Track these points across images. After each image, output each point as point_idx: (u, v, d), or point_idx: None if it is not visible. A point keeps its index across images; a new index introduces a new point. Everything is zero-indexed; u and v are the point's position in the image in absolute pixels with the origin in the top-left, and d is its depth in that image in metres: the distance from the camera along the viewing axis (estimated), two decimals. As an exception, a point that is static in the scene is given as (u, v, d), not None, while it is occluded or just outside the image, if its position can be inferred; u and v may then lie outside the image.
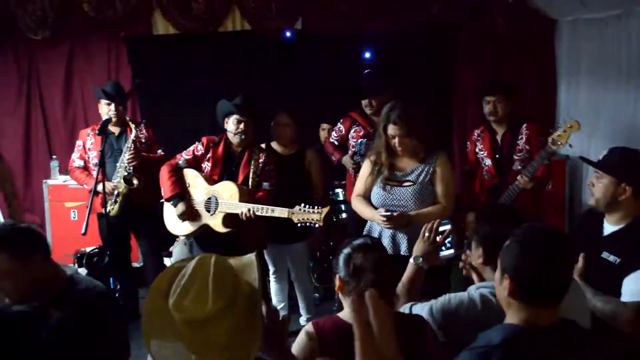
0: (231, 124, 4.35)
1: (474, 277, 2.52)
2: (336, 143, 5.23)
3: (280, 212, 4.04)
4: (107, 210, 4.92)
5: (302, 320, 4.98)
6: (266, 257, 4.87)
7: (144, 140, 5.07)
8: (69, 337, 2.36)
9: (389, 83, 5.15)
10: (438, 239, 2.76)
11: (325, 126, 6.04)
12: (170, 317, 1.71)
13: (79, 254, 5.93)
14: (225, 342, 1.72)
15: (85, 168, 5.13)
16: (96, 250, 5.91)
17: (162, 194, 4.43)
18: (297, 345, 2.26)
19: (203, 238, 4.45)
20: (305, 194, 4.63)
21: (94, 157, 5.02)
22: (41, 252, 2.55)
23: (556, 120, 6.55)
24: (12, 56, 6.47)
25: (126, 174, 4.87)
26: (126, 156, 4.89)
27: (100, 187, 4.88)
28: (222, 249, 3.93)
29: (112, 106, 4.97)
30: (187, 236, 4.57)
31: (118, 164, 4.94)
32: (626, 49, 6.09)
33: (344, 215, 5.78)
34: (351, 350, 2.15)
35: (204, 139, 4.49)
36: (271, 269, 4.91)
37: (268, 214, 4.07)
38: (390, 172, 3.82)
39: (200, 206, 4.32)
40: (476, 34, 7.01)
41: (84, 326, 2.42)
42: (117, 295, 5.24)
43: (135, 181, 4.84)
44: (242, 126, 4.31)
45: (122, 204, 4.94)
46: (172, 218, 4.47)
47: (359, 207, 3.93)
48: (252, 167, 4.33)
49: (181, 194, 4.33)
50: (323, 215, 3.94)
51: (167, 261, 5.68)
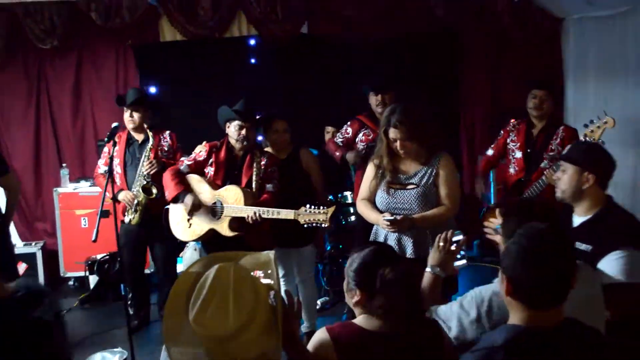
0: (233, 130, 4.36)
1: None
2: (340, 144, 5.15)
3: (286, 214, 4.02)
4: (129, 220, 4.96)
5: (303, 327, 4.89)
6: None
7: (166, 149, 5.07)
8: None
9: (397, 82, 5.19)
10: (453, 247, 2.78)
11: (329, 129, 6.03)
12: (190, 326, 1.72)
13: (90, 261, 5.97)
14: (249, 352, 1.73)
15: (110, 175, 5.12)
16: (107, 257, 5.95)
17: (167, 196, 4.42)
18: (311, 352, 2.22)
19: (210, 243, 4.46)
20: (308, 193, 4.63)
21: (117, 165, 5.05)
22: None
23: (564, 119, 6.53)
24: (22, 65, 6.53)
25: (145, 182, 4.88)
26: (145, 165, 4.91)
27: (121, 196, 4.96)
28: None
29: (128, 113, 4.99)
30: (194, 241, 4.56)
31: (137, 173, 4.96)
32: (633, 45, 6.07)
33: (352, 219, 5.77)
34: (370, 357, 2.17)
35: (206, 144, 4.51)
36: (280, 272, 4.91)
37: (274, 216, 4.07)
38: (394, 175, 3.79)
39: (205, 211, 4.33)
40: (482, 35, 7.01)
41: None
42: (129, 302, 5.26)
43: (154, 190, 4.83)
44: (243, 132, 4.32)
45: (142, 213, 4.95)
46: (178, 224, 4.48)
47: (364, 211, 3.91)
48: (254, 169, 4.34)
49: (186, 190, 4.34)
50: (329, 215, 3.93)
51: (179, 267, 5.70)
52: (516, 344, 1.77)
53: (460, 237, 2.80)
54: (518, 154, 4.91)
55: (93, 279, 6.00)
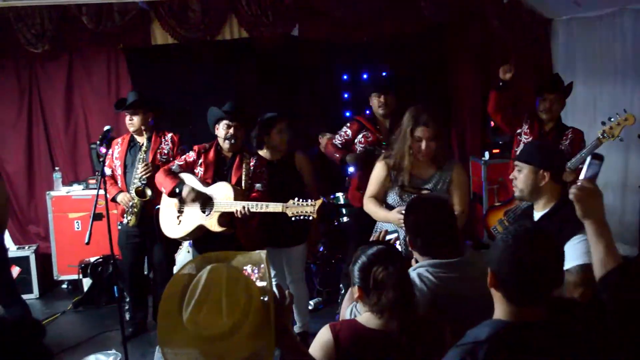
0: (221, 129, 4.41)
1: None
2: (339, 146, 5.17)
3: (274, 207, 4.06)
4: (127, 221, 4.98)
5: (295, 328, 4.94)
6: None
7: (166, 152, 5.05)
8: None
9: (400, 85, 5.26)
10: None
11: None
12: (184, 327, 1.74)
13: (84, 264, 5.99)
14: (241, 352, 1.75)
15: (113, 176, 5.13)
16: (100, 260, 5.97)
17: (164, 191, 4.44)
18: (314, 349, 2.31)
19: (200, 242, 4.49)
20: (301, 193, 4.66)
21: (118, 167, 5.06)
22: None
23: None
24: (13, 69, 6.55)
25: (139, 185, 4.90)
26: (139, 168, 4.93)
27: (119, 197, 4.96)
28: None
29: (134, 116, 4.97)
30: (184, 238, 4.57)
31: (132, 176, 4.97)
32: (621, 46, 6.12)
33: (344, 219, 5.81)
34: (370, 356, 2.22)
35: (195, 147, 4.55)
36: (271, 272, 4.92)
37: (262, 210, 4.10)
38: (409, 178, 3.72)
39: (195, 207, 4.38)
40: (471, 36, 7.06)
41: None
42: (126, 307, 5.27)
43: (148, 192, 4.84)
44: (231, 131, 4.37)
45: (139, 214, 4.97)
46: (168, 222, 4.51)
47: (373, 208, 3.82)
48: (243, 169, 4.39)
49: (182, 181, 4.38)
50: (317, 207, 3.96)
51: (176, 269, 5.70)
52: (499, 338, 1.80)
53: (394, 235, 2.87)
54: None
55: (87, 282, 6.01)
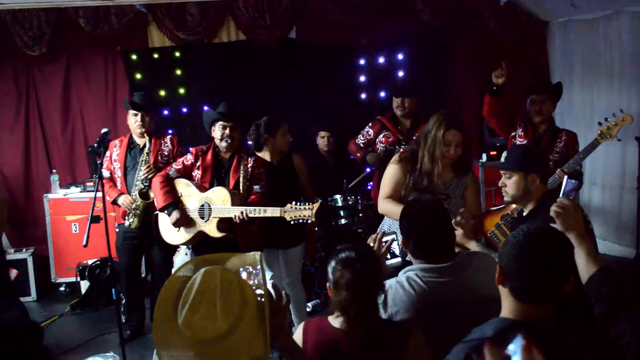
0: (217, 131, 4.42)
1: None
2: (362, 146, 5.42)
3: (273, 211, 4.07)
4: (128, 223, 4.97)
5: (293, 329, 4.91)
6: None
7: (166, 153, 5.06)
8: None
9: (419, 88, 5.41)
10: (382, 249, 2.87)
11: (323, 134, 6.10)
12: (180, 329, 1.74)
13: (81, 266, 5.98)
14: (237, 354, 1.75)
15: (111, 179, 5.12)
16: (98, 262, 5.96)
17: (155, 204, 4.47)
18: None
19: (199, 246, 4.49)
20: (298, 194, 4.69)
21: (117, 169, 5.06)
22: None
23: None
24: (10, 72, 6.56)
25: (142, 187, 4.90)
26: (142, 170, 4.93)
27: (121, 200, 4.96)
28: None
29: (139, 117, 4.98)
30: (184, 244, 4.59)
31: (135, 177, 4.97)
32: (617, 48, 6.16)
33: (342, 221, 5.82)
34: (330, 352, 2.25)
35: (192, 149, 4.55)
36: (268, 274, 4.93)
37: (261, 215, 4.11)
38: (430, 181, 3.65)
39: (194, 214, 4.36)
40: (469, 38, 7.08)
41: None
42: (122, 309, 5.26)
43: (152, 194, 4.83)
44: (227, 131, 4.39)
45: (142, 216, 4.97)
46: (167, 228, 4.51)
47: (391, 207, 3.69)
48: (241, 171, 4.39)
49: (174, 202, 4.39)
50: (315, 211, 3.97)
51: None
52: (505, 335, 1.81)
53: (391, 237, 2.88)
54: None
55: (84, 285, 6.00)
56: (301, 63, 6.96)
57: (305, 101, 6.75)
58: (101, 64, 6.69)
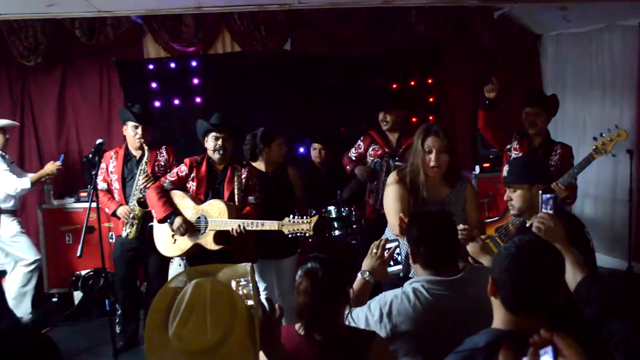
0: (210, 141, 4.44)
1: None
2: (354, 159, 5.53)
3: (270, 225, 4.09)
4: (126, 234, 4.95)
5: None
6: (255, 271, 4.85)
7: (163, 163, 5.07)
8: None
9: (403, 101, 5.50)
10: (386, 255, 2.89)
11: (316, 146, 6.12)
12: (171, 341, 1.74)
13: (75, 277, 5.96)
14: None
15: (109, 190, 5.11)
16: (91, 273, 5.95)
17: (154, 215, 4.47)
18: None
19: (195, 258, 4.49)
20: (292, 206, 4.72)
21: (115, 180, 5.06)
22: None
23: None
24: (5, 82, 6.55)
25: (140, 196, 4.89)
26: (140, 179, 4.93)
27: (119, 211, 4.94)
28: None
29: (140, 129, 4.97)
30: (180, 256, 4.58)
31: (134, 187, 4.97)
32: (609, 61, 6.22)
33: (336, 233, 5.83)
34: (294, 357, 2.28)
35: (186, 160, 4.56)
36: (261, 286, 4.92)
37: (258, 228, 4.13)
38: (426, 196, 3.58)
39: (190, 227, 4.37)
40: (463, 51, 7.14)
41: None
42: (117, 320, 5.25)
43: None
44: (220, 142, 4.41)
45: (139, 226, 4.96)
46: (162, 240, 4.51)
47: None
48: (235, 183, 4.41)
49: (175, 211, 4.39)
50: (313, 225, 4.00)
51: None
52: (496, 346, 1.83)
53: (394, 244, 2.90)
54: None
55: (77, 295, 5.98)
56: (296, 74, 6.99)
57: (298, 113, 6.79)
58: (96, 74, 6.70)
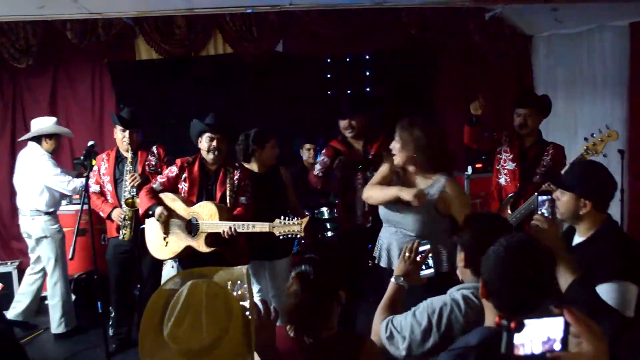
0: (204, 142, 4.42)
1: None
2: (320, 175, 5.07)
3: (261, 227, 4.08)
4: (122, 235, 4.94)
5: None
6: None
7: (154, 163, 5.08)
8: None
9: (368, 104, 5.17)
10: (418, 258, 2.81)
11: (309, 146, 6.12)
12: (166, 343, 1.75)
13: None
14: None
15: (102, 193, 5.11)
16: (84, 275, 5.93)
17: (140, 212, 4.45)
18: None
19: (187, 260, 4.48)
20: (285, 207, 4.71)
21: (107, 182, 5.05)
22: None
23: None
24: (-4, 84, 6.53)
25: (128, 196, 4.89)
26: (127, 180, 4.92)
27: (114, 213, 4.95)
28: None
29: (127, 133, 4.97)
30: (172, 259, 4.57)
31: (123, 189, 4.96)
32: (600, 62, 6.24)
33: (329, 234, 5.83)
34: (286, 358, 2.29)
35: (177, 161, 4.54)
36: (255, 287, 4.92)
37: (249, 230, 4.12)
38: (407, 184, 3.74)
39: (181, 229, 4.38)
40: (455, 52, 7.16)
41: None
42: (110, 322, 5.24)
43: (138, 200, 4.84)
44: (214, 143, 4.39)
45: (132, 226, 4.95)
46: (154, 243, 4.49)
47: (378, 191, 3.75)
48: (228, 184, 4.40)
49: (157, 203, 4.38)
50: (303, 226, 3.99)
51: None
52: (489, 344, 1.84)
53: (427, 247, 2.83)
54: (511, 165, 4.90)
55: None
56: (288, 76, 7.00)
57: (290, 114, 6.79)
58: (88, 76, 6.69)
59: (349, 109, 4.94)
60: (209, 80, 6.94)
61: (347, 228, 5.13)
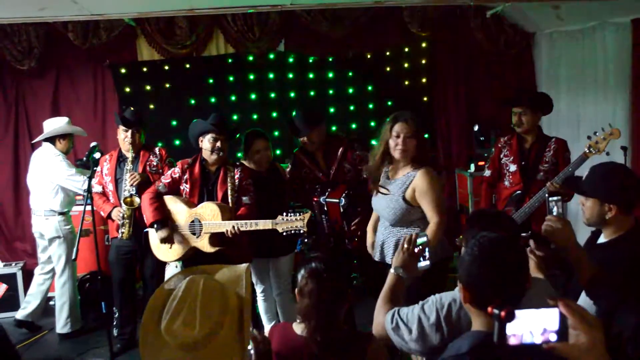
0: (207, 142, 4.42)
1: None
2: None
3: (264, 224, 4.10)
4: (121, 234, 4.96)
5: None
6: (252, 272, 4.83)
7: (155, 163, 5.08)
8: None
9: (321, 118, 4.99)
10: (417, 250, 2.81)
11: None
12: (162, 336, 1.77)
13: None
14: None
15: (104, 193, 5.12)
16: (88, 276, 5.94)
17: (145, 220, 4.48)
18: None
19: (191, 261, 4.47)
20: (286, 204, 4.72)
21: (109, 182, 5.07)
22: None
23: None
24: (-1, 86, 6.56)
25: (127, 195, 4.90)
26: (127, 180, 4.93)
27: (113, 212, 4.97)
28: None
29: (129, 133, 4.99)
30: (177, 261, 4.57)
31: (122, 188, 4.97)
32: (602, 58, 6.22)
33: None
34: (291, 358, 2.30)
35: (178, 163, 4.56)
36: (258, 288, 4.92)
37: (252, 228, 4.13)
38: (380, 174, 3.93)
39: (185, 230, 4.38)
40: (456, 49, 7.15)
41: None
42: (114, 322, 5.25)
43: (137, 200, 4.84)
44: (218, 144, 4.39)
45: (131, 225, 4.96)
46: (159, 245, 4.48)
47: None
48: (229, 183, 4.40)
49: (162, 220, 4.40)
50: (306, 221, 4.01)
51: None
52: (479, 349, 1.83)
53: (424, 239, 2.84)
54: (512, 167, 4.89)
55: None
56: (289, 75, 7.01)
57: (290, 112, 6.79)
58: (90, 77, 6.71)
59: (304, 126, 4.86)
60: (211, 80, 6.94)
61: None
